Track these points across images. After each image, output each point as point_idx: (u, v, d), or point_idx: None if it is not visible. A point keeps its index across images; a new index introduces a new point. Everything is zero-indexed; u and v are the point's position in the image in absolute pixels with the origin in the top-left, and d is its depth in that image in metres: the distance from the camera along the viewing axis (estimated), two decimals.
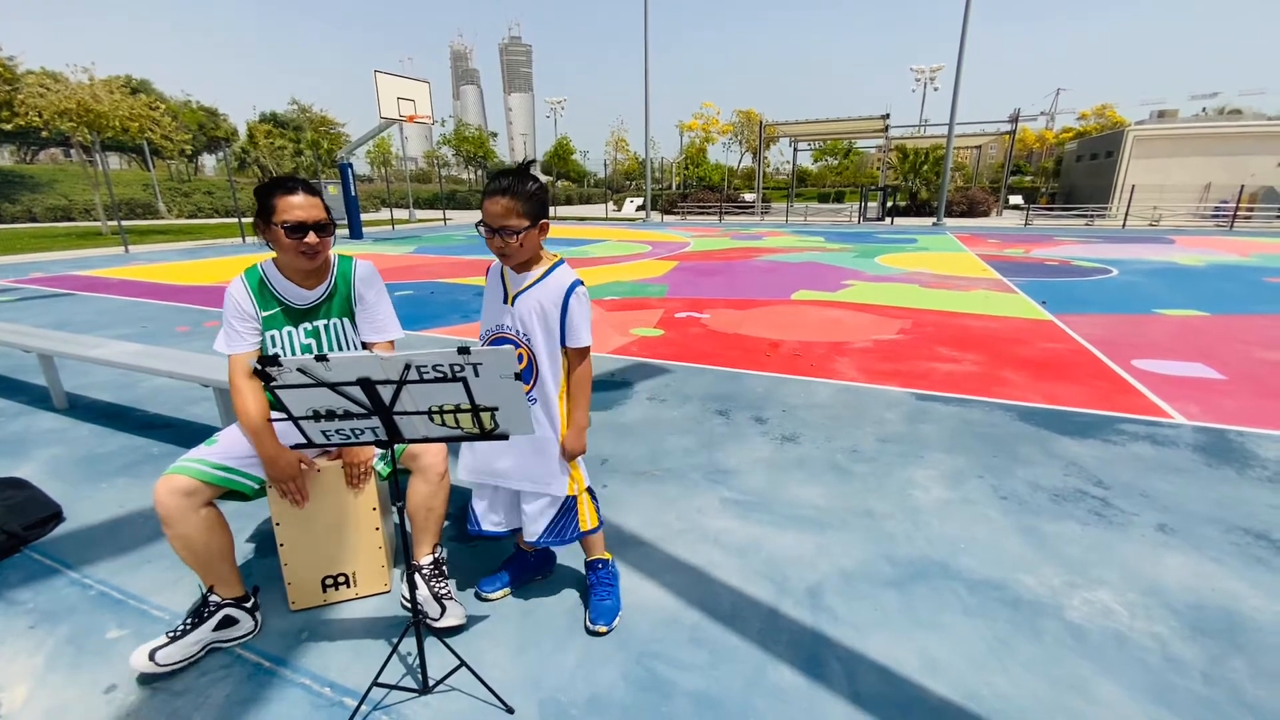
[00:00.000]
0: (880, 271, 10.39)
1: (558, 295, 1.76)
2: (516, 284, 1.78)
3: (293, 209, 1.76)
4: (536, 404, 1.81)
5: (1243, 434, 3.42)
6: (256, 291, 1.87)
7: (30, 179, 28.47)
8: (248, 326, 1.86)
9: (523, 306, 1.76)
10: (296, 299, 1.91)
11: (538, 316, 1.76)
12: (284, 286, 1.89)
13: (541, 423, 1.82)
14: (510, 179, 1.64)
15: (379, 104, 16.90)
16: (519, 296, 1.77)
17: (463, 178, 55.25)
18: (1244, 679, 1.70)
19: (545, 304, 1.75)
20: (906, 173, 32.34)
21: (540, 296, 1.76)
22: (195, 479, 1.72)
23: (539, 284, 1.77)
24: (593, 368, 1.91)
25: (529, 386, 1.80)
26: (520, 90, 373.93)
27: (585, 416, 1.88)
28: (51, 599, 2.07)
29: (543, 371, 1.79)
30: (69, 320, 6.73)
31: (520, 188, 1.64)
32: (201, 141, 39.25)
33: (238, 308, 1.85)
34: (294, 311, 1.91)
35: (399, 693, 1.64)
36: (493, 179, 1.66)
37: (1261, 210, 25.01)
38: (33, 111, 15.76)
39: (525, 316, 1.76)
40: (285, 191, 1.78)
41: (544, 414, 1.82)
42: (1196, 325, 6.24)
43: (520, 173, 1.67)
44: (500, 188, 1.63)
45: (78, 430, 3.54)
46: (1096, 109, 49.13)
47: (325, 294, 1.94)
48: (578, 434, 1.85)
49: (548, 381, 1.80)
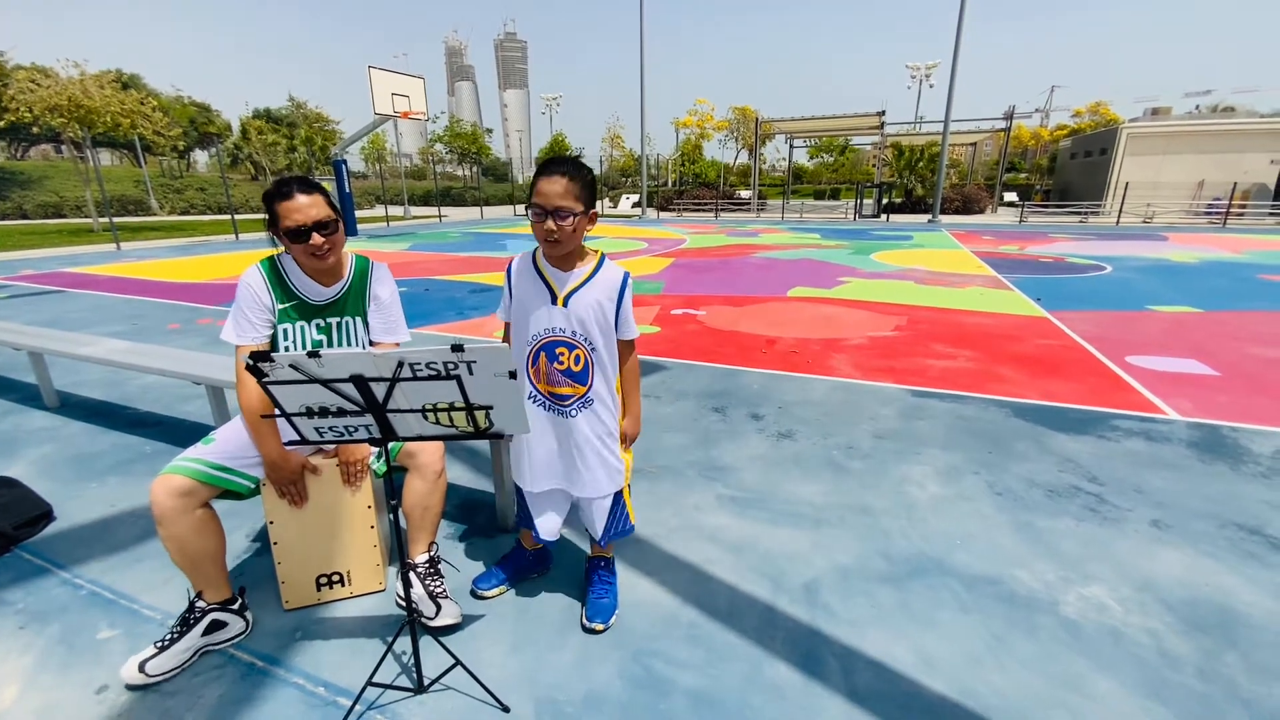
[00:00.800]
0: (876, 268, 10.39)
1: (613, 290, 1.72)
2: (564, 282, 1.70)
3: (292, 213, 1.72)
4: (595, 404, 1.77)
5: (1236, 430, 3.44)
6: (273, 282, 1.84)
7: (21, 175, 28.16)
8: (261, 318, 1.81)
9: (579, 306, 1.70)
10: (313, 295, 1.88)
11: (595, 314, 1.70)
12: (301, 281, 1.86)
13: (610, 417, 1.80)
14: (569, 162, 1.60)
15: (373, 100, 16.76)
16: (572, 296, 1.70)
17: (458, 174, 55.00)
18: (1238, 674, 1.71)
19: (603, 300, 1.71)
20: (902, 170, 32.42)
21: (597, 294, 1.71)
22: (193, 479, 1.70)
23: (591, 281, 1.71)
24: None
25: (585, 388, 1.75)
26: (516, 87, 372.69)
27: (639, 403, 1.91)
28: (42, 599, 2.05)
29: (604, 367, 1.76)
30: (60, 318, 6.67)
31: (578, 172, 1.59)
32: (194, 137, 38.96)
33: (254, 297, 1.80)
34: (308, 307, 1.88)
35: (394, 692, 1.63)
36: (549, 161, 1.62)
37: (1254, 207, 25.15)
38: (23, 107, 15.58)
39: (583, 316, 1.70)
40: (282, 197, 1.74)
41: (609, 408, 1.80)
42: (1190, 322, 6.27)
43: (578, 159, 1.63)
44: (559, 169, 1.58)
45: (68, 429, 3.51)
46: (1091, 106, 49.29)
47: (341, 292, 1.92)
48: (635, 420, 1.89)
49: (609, 375, 1.78)
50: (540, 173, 1.62)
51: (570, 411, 1.77)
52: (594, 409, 1.78)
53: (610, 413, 1.81)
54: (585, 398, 1.76)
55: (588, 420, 1.77)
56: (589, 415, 1.77)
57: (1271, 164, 26.74)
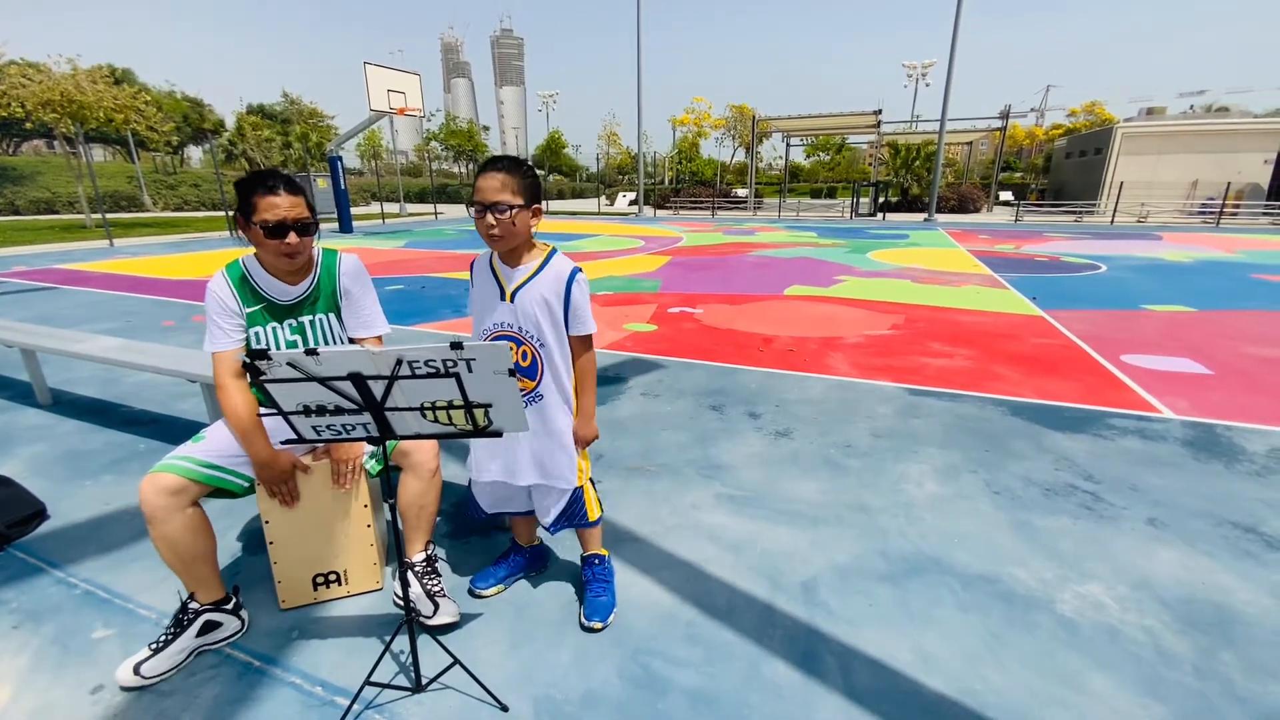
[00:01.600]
0: (872, 267, 10.41)
1: (559, 285, 1.72)
2: (513, 278, 1.73)
3: (273, 208, 1.69)
4: (545, 399, 1.77)
5: (1230, 428, 3.46)
6: (238, 287, 1.82)
7: (13, 171, 27.90)
8: (232, 323, 1.81)
9: (525, 301, 1.71)
10: (280, 295, 1.86)
11: (541, 309, 1.71)
12: (267, 282, 1.84)
13: (561, 414, 1.80)
14: (507, 159, 1.64)
15: (369, 96, 16.68)
16: (519, 291, 1.71)
17: (454, 171, 54.83)
18: (1234, 672, 1.71)
19: (548, 295, 1.71)
20: (898, 168, 32.47)
21: (542, 289, 1.71)
22: (182, 477, 1.68)
23: (537, 276, 1.72)
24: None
25: (534, 383, 1.76)
26: (512, 84, 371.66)
27: (593, 404, 1.88)
28: (36, 598, 2.03)
29: (555, 364, 1.76)
30: (52, 315, 6.62)
31: (515, 168, 1.62)
32: (187, 133, 38.67)
33: (221, 304, 1.80)
34: (277, 308, 1.86)
35: (392, 691, 1.63)
36: (488, 160, 1.65)
37: (1248, 207, 25.30)
38: (15, 103, 15.46)
39: (528, 311, 1.71)
40: (266, 190, 1.69)
41: (563, 405, 1.81)
42: (1184, 321, 6.30)
43: (517, 158, 1.66)
44: (496, 165, 1.62)
45: (62, 426, 3.48)
46: (1086, 106, 49.46)
47: (309, 290, 1.89)
48: (587, 421, 1.86)
49: (561, 373, 1.78)
50: (480, 170, 1.65)
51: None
52: (541, 406, 1.78)
53: (565, 410, 1.82)
54: (534, 394, 1.77)
55: (535, 416, 1.78)
56: (537, 411, 1.78)
57: (1265, 164, 26.92)
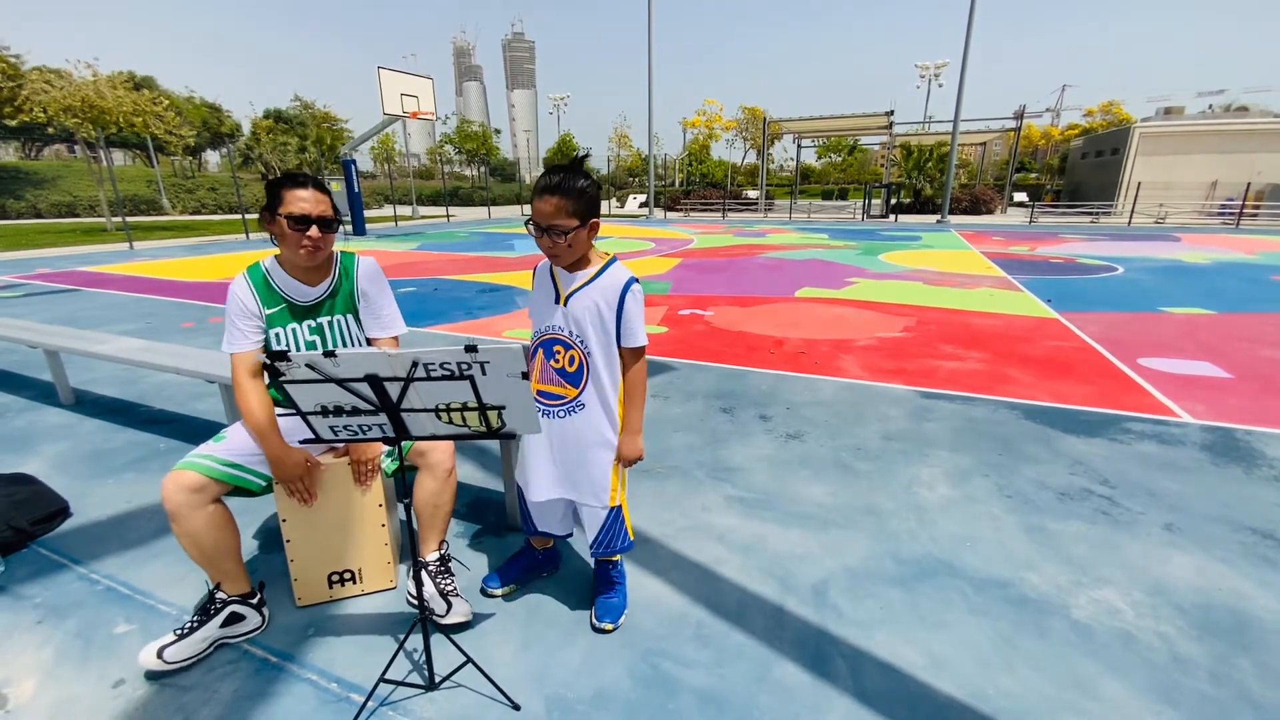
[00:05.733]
0: (884, 269, 10.35)
1: (613, 294, 1.70)
2: (568, 283, 1.72)
3: (299, 201, 1.77)
4: (586, 409, 1.75)
5: (1250, 433, 3.41)
6: (260, 288, 1.87)
7: (35, 175, 28.48)
8: (251, 325, 1.85)
9: (577, 306, 1.71)
10: (300, 295, 1.90)
11: (591, 316, 1.69)
12: (287, 283, 1.89)
13: (602, 427, 1.77)
14: (560, 176, 1.57)
15: (382, 100, 16.86)
16: (572, 296, 1.71)
17: (466, 174, 55.22)
18: (1251, 679, 1.69)
19: (600, 303, 1.69)
20: (910, 170, 32.21)
21: (595, 296, 1.69)
22: (203, 475, 1.72)
23: (593, 283, 1.71)
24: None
25: (577, 391, 1.74)
26: (523, 87, 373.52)
27: (640, 419, 1.81)
28: (59, 594, 2.08)
29: (599, 373, 1.73)
30: (74, 316, 6.75)
31: (570, 185, 1.57)
32: (205, 138, 39.26)
33: (241, 305, 1.85)
34: (297, 308, 1.91)
35: (406, 689, 1.65)
36: (543, 176, 1.60)
37: (1268, 208, 24.84)
38: (37, 108, 15.79)
39: (579, 316, 1.70)
40: (295, 185, 1.79)
41: (604, 417, 1.77)
42: (1203, 324, 6.21)
43: (571, 169, 1.60)
44: (550, 185, 1.56)
45: (84, 426, 3.56)
46: (1103, 106, 48.91)
47: (328, 290, 1.94)
48: (632, 436, 1.80)
49: (605, 384, 1.74)
50: (536, 189, 1.60)
51: (557, 413, 1.77)
52: (584, 415, 1.75)
53: (608, 424, 1.77)
54: (575, 401, 1.75)
55: (575, 426, 1.76)
56: (577, 421, 1.76)
57: None
